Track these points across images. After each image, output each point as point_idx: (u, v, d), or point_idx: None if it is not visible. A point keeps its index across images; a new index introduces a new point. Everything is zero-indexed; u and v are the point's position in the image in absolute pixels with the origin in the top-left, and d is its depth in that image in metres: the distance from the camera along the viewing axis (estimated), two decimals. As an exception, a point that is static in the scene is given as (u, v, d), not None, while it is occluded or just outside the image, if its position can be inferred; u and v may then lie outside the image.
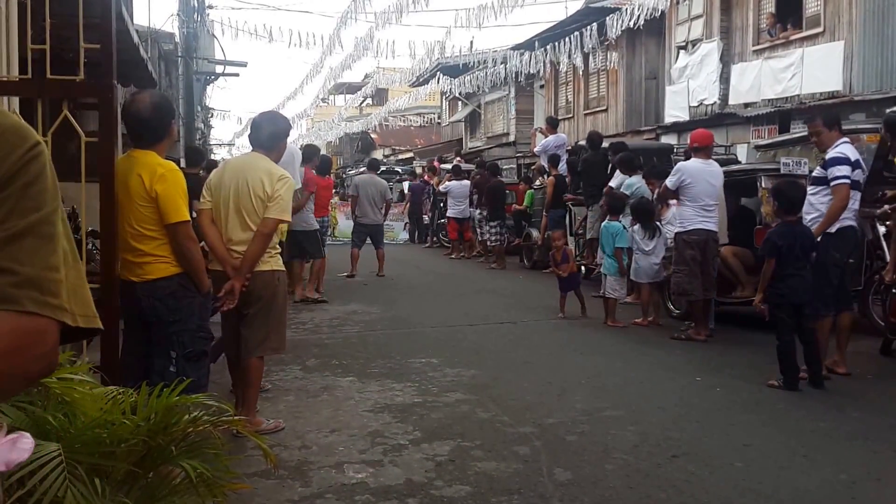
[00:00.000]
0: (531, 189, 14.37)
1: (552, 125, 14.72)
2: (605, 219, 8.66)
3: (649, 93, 19.64)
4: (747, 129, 15.18)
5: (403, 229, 20.44)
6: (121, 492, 2.21)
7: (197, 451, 2.38)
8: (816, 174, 5.96)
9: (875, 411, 4.98)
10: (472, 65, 23.16)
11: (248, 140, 4.92)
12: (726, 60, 16.07)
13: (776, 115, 14.30)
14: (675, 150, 11.83)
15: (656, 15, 15.83)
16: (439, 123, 36.84)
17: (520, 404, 5.06)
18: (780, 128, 13.77)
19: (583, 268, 10.42)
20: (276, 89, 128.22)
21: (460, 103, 31.34)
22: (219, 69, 20.50)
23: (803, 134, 7.76)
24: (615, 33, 16.57)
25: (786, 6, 14.72)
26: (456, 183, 15.72)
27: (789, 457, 4.09)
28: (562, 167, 12.52)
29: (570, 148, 13.60)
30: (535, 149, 15.73)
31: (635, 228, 8.13)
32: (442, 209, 17.08)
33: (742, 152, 13.86)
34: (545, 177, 13.27)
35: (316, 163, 9.99)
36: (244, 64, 19.75)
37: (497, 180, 14.56)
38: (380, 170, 15.34)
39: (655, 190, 8.30)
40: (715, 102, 16.24)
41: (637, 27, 16.10)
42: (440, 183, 17.31)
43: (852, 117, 11.09)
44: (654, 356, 6.59)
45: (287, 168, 5.37)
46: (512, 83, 24.53)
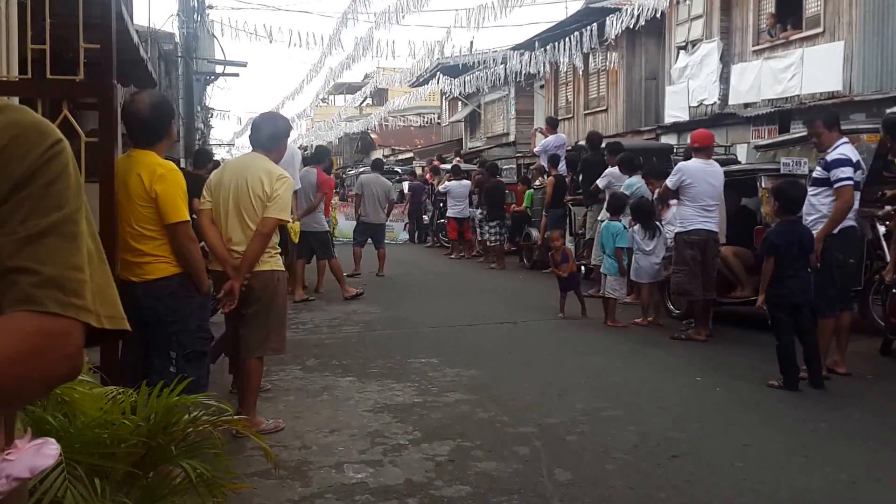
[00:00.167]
0: (531, 189, 14.38)
1: (552, 125, 14.70)
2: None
3: (649, 93, 19.64)
4: (747, 130, 15.18)
5: (403, 229, 20.43)
6: (121, 492, 2.21)
7: (197, 451, 2.38)
8: (817, 175, 5.95)
9: (875, 411, 4.98)
10: (472, 65, 23.15)
11: (249, 140, 4.93)
12: (726, 61, 16.08)
13: (776, 116, 14.29)
14: (675, 151, 11.85)
15: (656, 15, 15.83)
16: (439, 124, 36.79)
17: (520, 404, 5.06)
18: (780, 128, 13.75)
19: (583, 268, 10.41)
20: (276, 89, 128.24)
21: (460, 103, 31.30)
22: (219, 69, 20.47)
23: (803, 134, 7.75)
24: (615, 33, 16.57)
25: (786, 6, 14.72)
26: (456, 183, 15.73)
27: (789, 457, 4.09)
28: (561, 167, 12.53)
29: (570, 148, 13.60)
30: (535, 149, 15.71)
31: (635, 228, 8.13)
32: (442, 209, 17.09)
33: (742, 152, 13.87)
34: (545, 177, 13.27)
35: (327, 164, 10.00)
36: (244, 64, 19.71)
37: (497, 180, 14.58)
38: (384, 169, 15.36)
39: (655, 190, 8.30)
40: (715, 103, 16.24)
41: (637, 27, 16.09)
42: (440, 183, 17.32)
43: (852, 117, 11.07)
44: (654, 356, 6.59)
45: (287, 168, 5.38)
46: (512, 83, 24.52)
